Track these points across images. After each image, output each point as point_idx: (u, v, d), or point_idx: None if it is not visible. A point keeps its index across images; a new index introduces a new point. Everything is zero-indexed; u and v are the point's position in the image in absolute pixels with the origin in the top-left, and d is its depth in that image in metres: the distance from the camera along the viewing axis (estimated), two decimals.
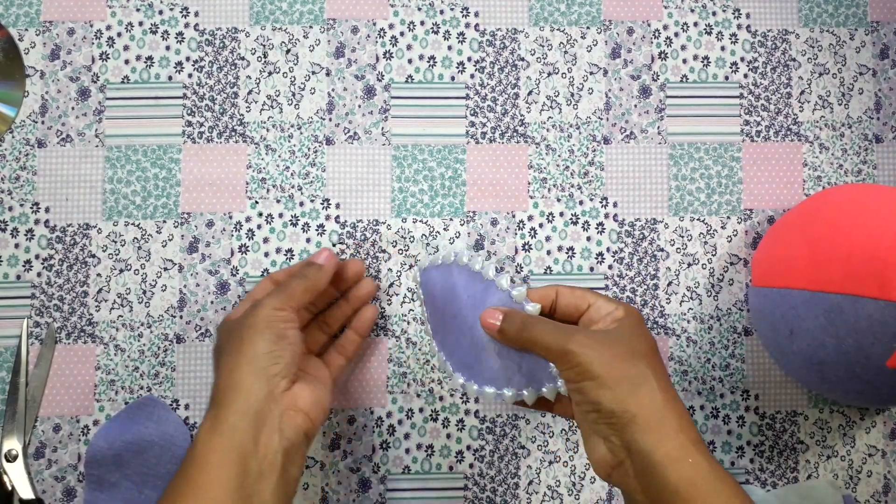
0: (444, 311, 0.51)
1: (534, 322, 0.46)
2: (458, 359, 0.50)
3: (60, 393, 0.59)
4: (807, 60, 0.63)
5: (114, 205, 0.60)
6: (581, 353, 0.43)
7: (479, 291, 0.49)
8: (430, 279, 0.52)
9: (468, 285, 0.49)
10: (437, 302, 0.51)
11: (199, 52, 0.61)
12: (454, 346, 0.50)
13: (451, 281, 0.50)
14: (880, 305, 0.48)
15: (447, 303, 0.50)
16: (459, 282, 0.50)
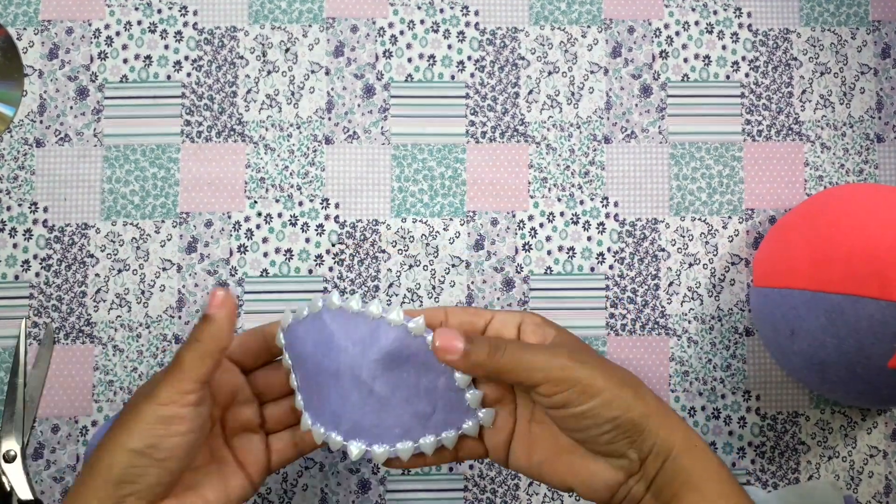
0: (320, 370, 0.42)
1: (508, 343, 0.40)
2: (347, 424, 0.42)
3: (59, 393, 0.59)
4: (808, 60, 0.63)
5: (112, 204, 0.60)
6: (577, 369, 0.39)
7: (367, 334, 0.41)
8: (297, 338, 0.43)
9: (349, 331, 0.41)
10: (309, 363, 0.42)
11: (198, 51, 0.61)
12: (338, 409, 0.42)
13: (325, 333, 0.42)
14: (881, 306, 0.48)
15: (322, 360, 0.42)
16: (337, 330, 0.41)
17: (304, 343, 0.42)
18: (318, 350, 0.42)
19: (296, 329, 0.43)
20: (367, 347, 0.41)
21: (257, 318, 0.60)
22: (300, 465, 0.59)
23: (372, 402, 0.41)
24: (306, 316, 0.43)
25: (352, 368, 0.41)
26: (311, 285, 0.60)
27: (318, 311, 0.42)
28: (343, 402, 0.42)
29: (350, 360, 0.41)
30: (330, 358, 0.41)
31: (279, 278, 0.60)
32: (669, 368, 0.61)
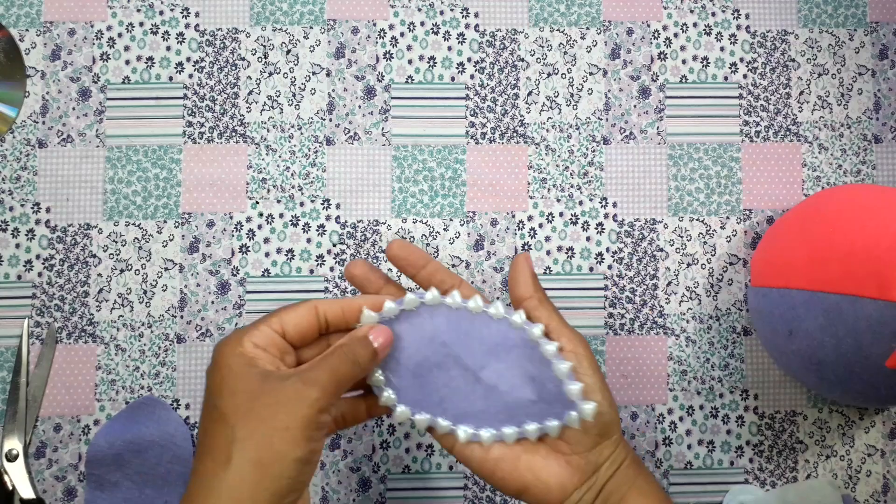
0: (422, 363, 0.44)
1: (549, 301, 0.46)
2: (455, 410, 0.45)
3: (61, 393, 0.59)
4: (806, 61, 0.63)
5: (114, 205, 0.60)
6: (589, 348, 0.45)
7: (471, 328, 0.44)
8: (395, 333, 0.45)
9: (453, 326, 0.44)
10: (405, 357, 0.44)
11: (200, 52, 0.62)
12: (446, 396, 0.45)
13: (425, 328, 0.44)
14: (879, 305, 0.48)
15: (426, 352, 0.44)
16: (440, 325, 0.44)
17: (399, 338, 0.44)
18: (419, 345, 0.44)
19: (387, 325, 0.44)
20: (473, 340, 0.44)
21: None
22: None
23: (479, 389, 0.45)
24: (399, 314, 0.44)
25: (458, 359, 0.44)
26: (312, 285, 0.60)
27: (416, 307, 0.44)
28: (452, 391, 0.45)
29: (456, 352, 0.44)
30: (434, 351, 0.44)
31: (281, 278, 0.60)
32: (668, 368, 0.61)
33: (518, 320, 0.44)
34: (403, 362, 0.44)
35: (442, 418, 0.45)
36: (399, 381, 0.45)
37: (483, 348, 0.44)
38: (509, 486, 0.44)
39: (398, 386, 0.45)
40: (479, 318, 0.44)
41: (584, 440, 0.44)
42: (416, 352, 0.44)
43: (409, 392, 0.45)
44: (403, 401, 0.45)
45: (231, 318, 0.60)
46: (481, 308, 0.44)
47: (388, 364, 0.45)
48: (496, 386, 0.44)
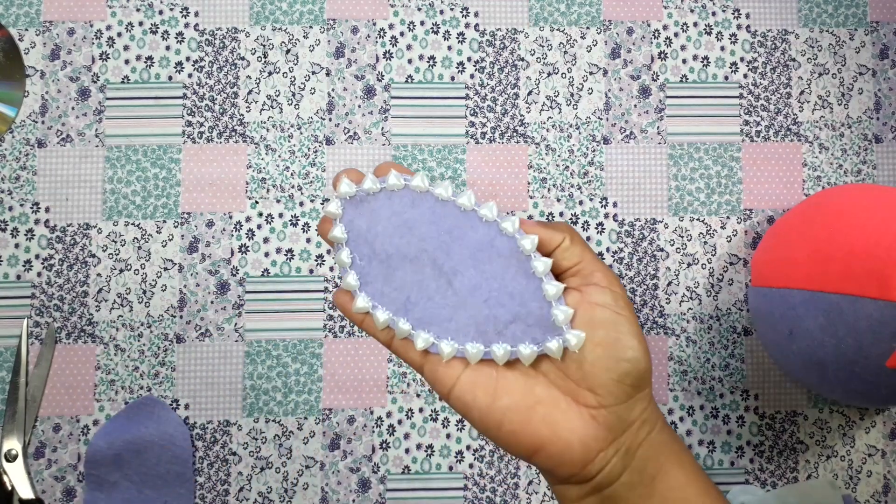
0: (393, 252, 0.40)
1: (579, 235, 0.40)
2: (418, 313, 0.40)
3: (60, 393, 0.59)
4: (806, 60, 0.63)
5: (114, 205, 0.60)
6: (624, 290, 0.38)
7: (454, 225, 0.39)
8: (363, 213, 0.40)
9: (435, 218, 0.39)
10: (378, 242, 0.40)
11: (199, 52, 0.61)
12: (412, 296, 0.40)
13: (405, 215, 0.39)
14: (879, 305, 0.48)
15: (399, 242, 0.40)
16: (421, 215, 0.39)
17: (375, 220, 0.40)
18: (394, 231, 0.39)
19: (365, 203, 0.40)
20: (455, 239, 0.39)
21: (258, 319, 0.60)
22: (300, 465, 0.59)
23: (450, 295, 0.39)
24: (380, 191, 0.39)
25: (434, 258, 0.39)
26: (312, 285, 0.60)
27: (399, 189, 0.39)
28: (419, 291, 0.40)
29: (433, 248, 0.39)
30: (409, 242, 0.39)
31: (280, 278, 0.60)
32: (668, 368, 0.61)
33: (510, 227, 0.38)
34: (375, 248, 0.40)
35: (403, 319, 0.40)
36: (367, 267, 0.40)
37: (464, 252, 0.39)
38: (521, 442, 0.37)
39: (365, 271, 0.40)
40: (466, 217, 0.39)
41: (616, 390, 0.37)
42: (389, 239, 0.40)
43: (375, 282, 0.40)
44: (367, 290, 0.40)
45: (230, 318, 0.60)
46: (472, 205, 0.39)
47: (358, 246, 0.40)
48: (468, 295, 0.39)
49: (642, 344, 0.37)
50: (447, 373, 0.38)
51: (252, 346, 0.60)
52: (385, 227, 0.40)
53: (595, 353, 0.37)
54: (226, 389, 0.59)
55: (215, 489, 0.58)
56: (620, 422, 0.37)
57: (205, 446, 0.59)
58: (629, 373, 0.37)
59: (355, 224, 0.40)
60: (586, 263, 0.39)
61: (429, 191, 0.39)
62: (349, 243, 0.40)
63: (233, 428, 0.59)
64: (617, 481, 0.37)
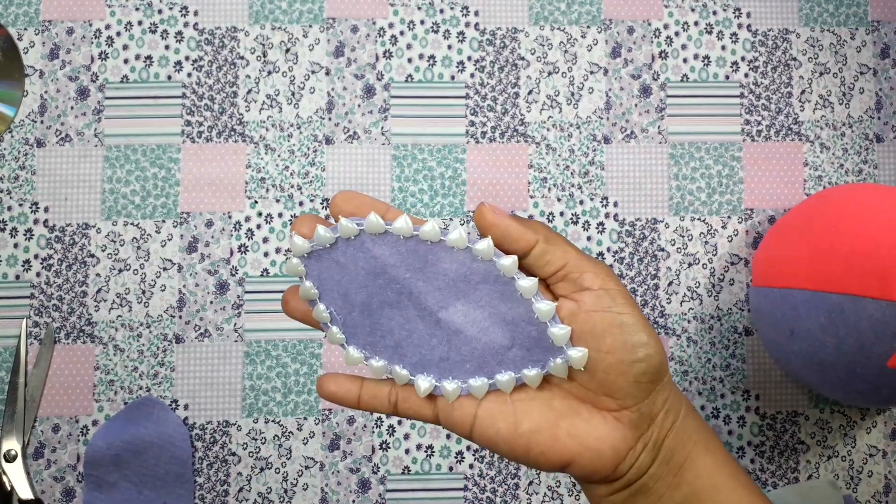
0: (371, 299, 0.37)
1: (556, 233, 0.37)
2: (413, 357, 0.38)
3: (59, 393, 0.59)
4: (807, 60, 0.63)
5: (113, 204, 0.60)
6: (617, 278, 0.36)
7: (425, 262, 0.37)
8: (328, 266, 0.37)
9: (404, 258, 0.36)
10: (352, 292, 0.37)
11: (199, 51, 0.61)
12: (402, 341, 0.38)
13: (371, 261, 0.37)
14: (881, 305, 0.48)
15: (373, 288, 0.37)
16: (387, 257, 0.37)
17: (343, 270, 0.37)
18: (364, 278, 0.37)
19: (326, 254, 0.37)
20: (430, 275, 0.36)
21: (257, 319, 0.60)
22: (300, 465, 0.59)
23: (440, 333, 0.37)
24: (335, 241, 0.37)
25: (413, 298, 0.37)
26: None
27: (355, 234, 0.36)
28: (407, 334, 0.37)
29: (409, 288, 0.37)
30: (383, 287, 0.37)
31: (280, 278, 0.60)
32: (670, 368, 0.61)
33: (484, 248, 0.36)
34: (351, 298, 0.37)
35: (399, 366, 0.38)
36: (348, 319, 0.38)
37: (443, 284, 0.37)
38: (551, 461, 0.36)
39: (348, 324, 0.38)
40: (437, 248, 0.36)
41: (635, 390, 0.35)
42: (362, 287, 0.37)
43: (359, 333, 0.38)
44: (354, 342, 0.38)
45: (230, 318, 0.60)
46: (438, 234, 0.36)
47: (332, 299, 0.37)
48: (461, 330, 0.37)
49: (652, 337, 0.36)
50: (462, 413, 0.37)
51: (251, 346, 0.60)
52: (354, 276, 0.37)
53: (606, 361, 0.35)
54: (225, 390, 0.59)
55: (215, 490, 0.58)
56: (644, 418, 0.36)
57: (204, 447, 0.59)
58: (645, 371, 0.35)
59: (323, 277, 0.37)
60: (572, 265, 0.36)
61: (387, 231, 0.36)
62: (322, 298, 0.38)
63: (232, 428, 0.59)
64: (645, 474, 0.36)
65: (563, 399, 0.37)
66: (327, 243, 0.37)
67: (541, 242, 0.36)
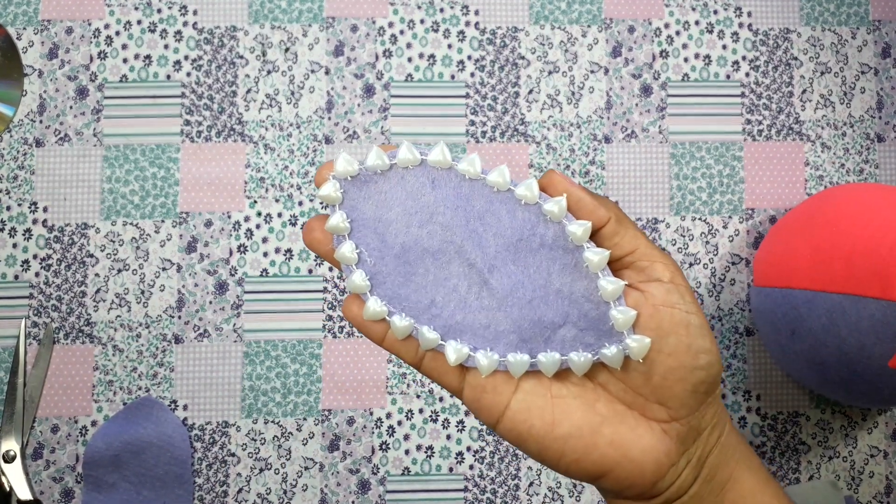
0: (410, 245, 0.33)
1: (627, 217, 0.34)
2: (448, 319, 0.33)
3: (58, 393, 0.59)
4: (808, 59, 0.63)
5: (112, 204, 0.60)
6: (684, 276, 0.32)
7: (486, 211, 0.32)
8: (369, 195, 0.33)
9: (461, 203, 0.32)
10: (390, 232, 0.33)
11: (198, 50, 0.61)
12: (438, 299, 0.33)
13: (422, 199, 0.32)
14: (882, 305, 0.48)
15: (417, 232, 0.32)
16: (443, 199, 0.32)
17: (385, 205, 0.32)
18: (410, 218, 0.32)
19: (371, 184, 0.32)
20: (487, 226, 0.32)
21: (257, 319, 0.59)
22: (300, 466, 0.59)
23: (485, 297, 0.33)
24: (390, 168, 0.32)
25: (462, 251, 0.32)
26: (311, 285, 0.60)
27: (415, 165, 0.32)
28: (446, 292, 0.33)
29: (461, 239, 0.32)
30: (430, 232, 0.32)
31: (279, 278, 0.60)
32: None
33: (555, 209, 0.32)
34: (388, 240, 0.32)
35: (428, 328, 0.33)
36: (378, 265, 0.33)
37: (500, 242, 0.32)
38: (585, 470, 0.32)
39: (375, 270, 0.33)
40: (501, 200, 0.32)
41: (691, 400, 0.32)
42: (405, 229, 0.32)
43: (389, 281, 0.33)
44: (379, 291, 0.33)
45: (229, 319, 0.59)
46: (508, 184, 0.32)
47: (365, 238, 0.33)
48: (509, 295, 0.32)
49: (714, 344, 0.32)
50: (494, 399, 0.32)
51: (251, 346, 0.59)
52: (399, 214, 0.32)
53: (665, 364, 0.32)
54: (224, 390, 0.59)
55: (214, 490, 0.58)
56: (693, 432, 0.33)
57: (203, 447, 0.59)
58: (704, 380, 0.32)
59: (360, 210, 0.32)
60: (643, 252, 0.33)
61: (452, 166, 0.32)
62: (353, 235, 0.33)
63: (231, 429, 0.59)
64: (686, 493, 0.33)
65: (609, 403, 0.33)
66: (379, 169, 0.32)
67: (612, 221, 0.32)
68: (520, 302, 0.32)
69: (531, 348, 0.32)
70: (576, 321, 0.32)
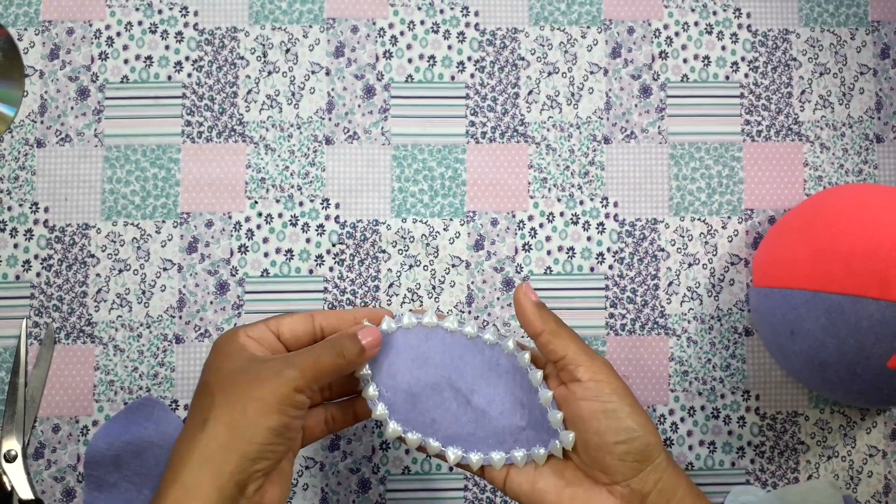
0: (415, 382, 0.46)
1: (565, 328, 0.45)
2: (446, 432, 0.46)
3: (59, 393, 0.59)
4: (807, 60, 0.63)
5: (113, 205, 0.60)
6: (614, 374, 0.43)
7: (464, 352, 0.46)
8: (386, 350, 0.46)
9: (447, 348, 0.46)
10: (401, 374, 0.46)
11: (199, 51, 0.61)
12: (438, 418, 0.46)
13: (421, 348, 0.46)
14: (881, 305, 0.48)
15: (419, 373, 0.46)
16: (435, 346, 0.46)
17: (395, 356, 0.46)
18: (412, 363, 0.46)
19: (384, 341, 0.46)
20: (466, 363, 0.46)
21: (257, 319, 0.60)
22: (300, 465, 0.59)
23: (469, 413, 0.46)
24: (396, 331, 0.46)
25: (451, 382, 0.46)
26: (311, 285, 0.60)
27: (413, 326, 0.46)
28: (442, 412, 0.46)
29: (448, 374, 0.46)
30: (427, 372, 0.46)
31: (280, 278, 0.60)
32: (669, 368, 0.61)
33: (510, 346, 0.45)
34: (398, 380, 0.46)
35: (433, 439, 0.46)
36: (393, 398, 0.46)
37: (475, 372, 0.46)
38: None
39: (391, 402, 0.46)
40: (473, 343, 0.46)
41: (623, 467, 0.42)
42: (410, 371, 0.46)
43: (401, 410, 0.46)
44: (396, 417, 0.46)
45: (230, 319, 0.60)
46: (476, 333, 0.46)
47: (382, 380, 0.46)
48: (486, 410, 0.46)
49: (639, 421, 0.42)
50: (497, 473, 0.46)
51: None
52: (405, 361, 0.46)
53: (592, 441, 0.42)
54: None
55: None
56: (635, 495, 0.42)
57: None
58: (628, 451, 0.41)
59: (378, 361, 0.46)
60: (570, 357, 0.43)
61: (438, 325, 0.46)
62: (374, 378, 0.46)
63: None
64: None
65: (574, 470, 0.44)
66: (390, 331, 0.46)
67: (546, 333, 0.44)
68: (494, 413, 0.46)
69: (506, 447, 0.46)
70: (533, 424, 0.45)
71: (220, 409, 0.40)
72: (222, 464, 0.39)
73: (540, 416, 0.45)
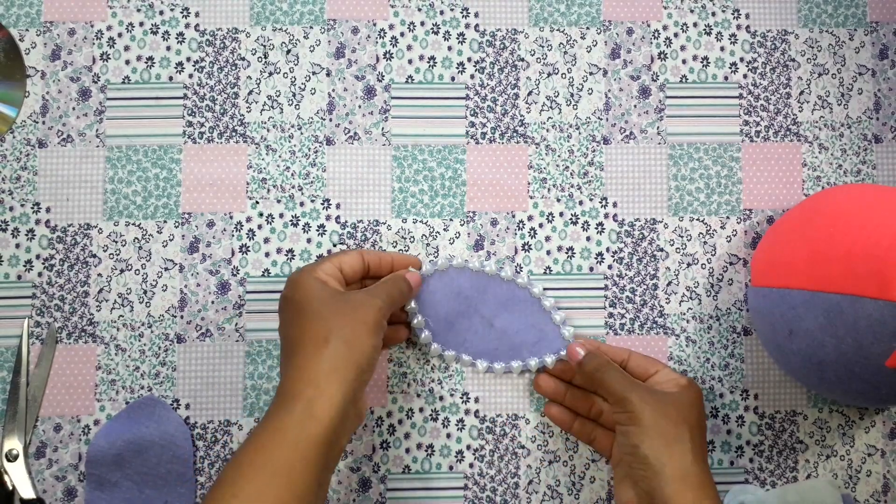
0: (450, 312, 0.58)
1: (608, 367, 0.54)
2: (474, 349, 0.59)
3: (61, 393, 0.59)
4: (806, 61, 0.63)
5: (114, 205, 0.60)
6: (636, 403, 0.51)
7: (486, 286, 0.58)
8: (427, 289, 0.58)
9: (473, 284, 0.58)
10: (439, 306, 0.58)
11: (200, 52, 0.62)
12: (468, 338, 0.58)
13: (453, 285, 0.58)
14: (879, 305, 0.48)
15: (452, 304, 0.58)
16: (464, 283, 0.58)
17: (434, 292, 0.58)
18: (449, 298, 0.58)
19: (425, 281, 0.58)
20: (489, 296, 0.58)
21: (259, 318, 0.60)
22: None
23: (493, 333, 0.58)
24: (433, 273, 0.58)
25: (477, 309, 0.58)
26: None
27: (446, 269, 0.58)
28: (472, 334, 0.58)
29: (475, 304, 0.58)
30: (459, 303, 0.58)
31: (281, 278, 0.60)
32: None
33: (523, 281, 0.58)
34: (437, 311, 0.58)
35: (465, 354, 0.59)
36: (434, 325, 0.58)
37: (496, 301, 0.58)
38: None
39: (433, 329, 0.58)
40: (493, 279, 0.58)
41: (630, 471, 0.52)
42: (446, 303, 0.58)
43: (440, 334, 0.58)
44: (436, 340, 0.58)
45: (231, 318, 0.60)
46: (495, 271, 0.58)
47: (426, 311, 0.58)
48: (506, 331, 0.58)
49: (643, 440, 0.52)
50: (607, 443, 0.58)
51: (253, 346, 0.60)
52: (441, 296, 0.58)
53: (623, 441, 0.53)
54: (226, 389, 0.59)
55: None
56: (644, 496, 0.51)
57: (205, 446, 0.59)
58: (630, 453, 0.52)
59: (420, 297, 0.58)
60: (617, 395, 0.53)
61: (465, 266, 0.58)
62: (420, 311, 0.58)
63: (233, 428, 0.59)
64: None
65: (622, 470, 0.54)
66: (429, 273, 0.58)
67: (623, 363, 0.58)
68: (512, 333, 0.59)
69: (523, 357, 0.59)
70: (544, 339, 0.59)
71: (339, 330, 0.48)
72: (345, 373, 0.47)
73: (550, 333, 0.58)
